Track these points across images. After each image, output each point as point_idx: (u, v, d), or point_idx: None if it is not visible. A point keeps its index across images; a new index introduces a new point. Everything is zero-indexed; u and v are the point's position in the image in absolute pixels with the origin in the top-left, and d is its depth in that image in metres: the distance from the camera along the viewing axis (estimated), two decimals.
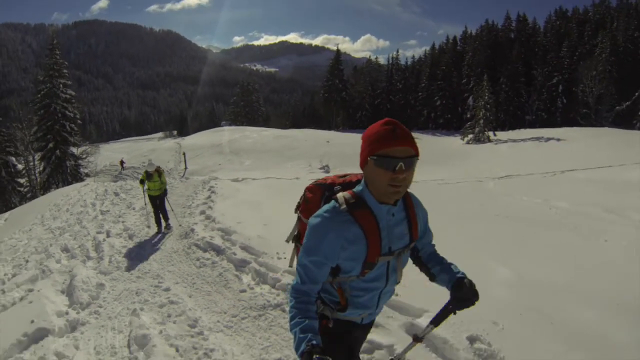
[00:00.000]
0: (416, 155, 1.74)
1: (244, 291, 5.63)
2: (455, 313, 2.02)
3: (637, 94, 48.27)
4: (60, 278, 6.74)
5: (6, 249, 9.46)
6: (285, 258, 6.36)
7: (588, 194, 11.73)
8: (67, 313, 5.36)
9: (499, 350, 3.55)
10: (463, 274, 2.05)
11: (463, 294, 1.96)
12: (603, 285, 4.93)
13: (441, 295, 2.13)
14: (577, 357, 3.49)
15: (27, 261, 8.01)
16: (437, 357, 3.58)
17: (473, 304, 1.97)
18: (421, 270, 2.17)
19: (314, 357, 1.58)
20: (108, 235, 9.31)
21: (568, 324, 4.03)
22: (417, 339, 2.16)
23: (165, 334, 4.54)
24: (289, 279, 5.57)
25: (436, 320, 2.08)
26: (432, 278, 2.13)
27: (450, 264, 2.13)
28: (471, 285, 1.98)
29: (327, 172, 27.99)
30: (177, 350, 4.22)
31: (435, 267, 2.12)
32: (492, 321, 3.99)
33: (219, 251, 7.24)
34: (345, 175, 2.13)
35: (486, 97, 44.30)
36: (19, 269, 7.62)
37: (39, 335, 4.60)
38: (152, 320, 4.94)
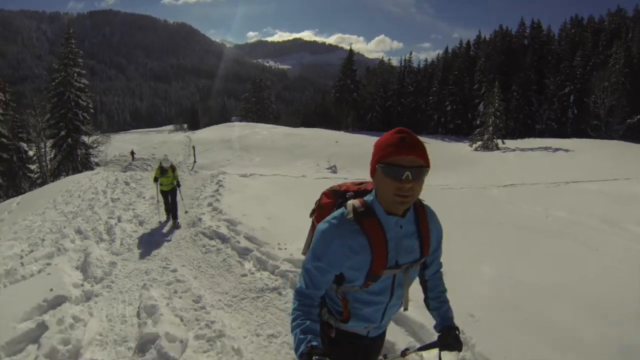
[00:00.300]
0: (425, 166, 1.70)
1: (245, 275, 6.08)
2: (440, 354, 2.14)
3: None
4: (75, 255, 7.23)
5: (21, 228, 9.88)
6: (285, 249, 6.81)
7: (588, 205, 11.99)
8: (82, 285, 5.88)
9: (470, 338, 3.89)
10: (452, 321, 2.14)
11: (447, 341, 2.06)
12: (586, 290, 5.22)
13: None
14: (542, 347, 3.82)
15: (43, 240, 8.47)
16: (414, 340, 3.93)
17: (455, 350, 2.07)
18: (422, 288, 2.20)
19: (314, 358, 1.59)
20: (119, 221, 9.77)
21: (543, 320, 4.35)
22: (404, 354, 2.20)
23: (171, 306, 5.01)
24: (287, 267, 6.01)
25: (421, 349, 2.19)
26: (427, 307, 2.19)
27: (447, 307, 2.18)
28: (456, 335, 2.07)
29: (335, 172, 28.35)
30: (182, 320, 4.69)
31: (434, 302, 2.17)
32: (469, 314, 4.35)
33: (224, 239, 7.68)
34: (362, 183, 2.12)
35: (496, 104, 44.37)
36: (35, 246, 8.07)
37: (57, 301, 5.08)
38: (160, 295, 5.41)
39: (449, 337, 2.07)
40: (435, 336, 2.17)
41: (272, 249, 6.79)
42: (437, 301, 2.17)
